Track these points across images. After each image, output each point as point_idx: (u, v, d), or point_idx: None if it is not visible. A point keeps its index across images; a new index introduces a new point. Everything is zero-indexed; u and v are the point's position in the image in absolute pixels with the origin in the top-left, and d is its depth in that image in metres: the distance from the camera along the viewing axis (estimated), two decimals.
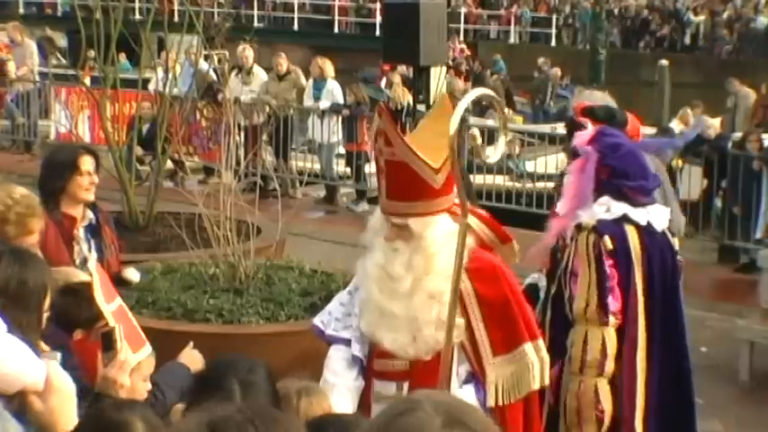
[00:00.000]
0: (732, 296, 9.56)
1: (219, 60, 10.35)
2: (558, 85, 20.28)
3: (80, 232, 4.84)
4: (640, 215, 4.02)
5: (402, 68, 13.64)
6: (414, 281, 3.42)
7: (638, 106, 19.75)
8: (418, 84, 9.60)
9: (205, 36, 8.10)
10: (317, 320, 3.84)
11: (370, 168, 13.23)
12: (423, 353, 3.41)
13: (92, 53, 9.36)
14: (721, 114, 16.53)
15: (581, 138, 4.13)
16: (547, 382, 3.56)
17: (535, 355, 3.48)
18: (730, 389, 7.35)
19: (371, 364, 3.62)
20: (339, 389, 3.59)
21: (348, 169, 13.18)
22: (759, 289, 8.25)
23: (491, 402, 3.40)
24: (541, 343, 3.55)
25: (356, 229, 4.00)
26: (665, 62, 22.12)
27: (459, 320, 3.40)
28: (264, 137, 12.36)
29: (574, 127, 4.42)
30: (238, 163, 8.07)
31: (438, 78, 9.80)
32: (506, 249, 3.65)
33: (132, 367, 2.82)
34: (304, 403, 2.97)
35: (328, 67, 12.81)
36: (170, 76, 8.50)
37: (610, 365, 3.95)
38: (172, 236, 7.23)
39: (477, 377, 3.45)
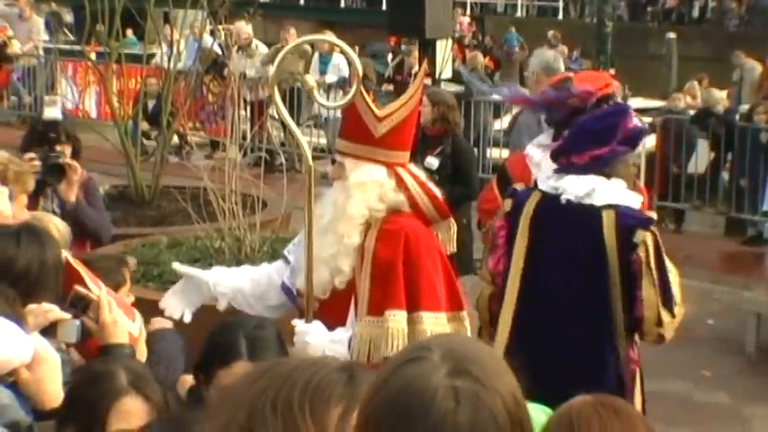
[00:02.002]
0: (739, 269, 9.54)
1: (225, 35, 10.30)
2: (566, 59, 20.22)
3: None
4: (545, 183, 4.03)
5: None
6: (331, 220, 3.54)
7: (646, 80, 19.78)
8: (424, 57, 9.54)
9: (209, 10, 8.06)
10: None
11: None
12: (320, 292, 3.52)
13: (100, 27, 9.33)
14: (728, 87, 16.44)
15: None
16: None
17: (403, 324, 3.43)
18: (737, 361, 7.33)
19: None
20: (232, 272, 3.83)
21: None
22: (766, 261, 8.23)
23: (353, 356, 3.40)
24: (432, 316, 3.49)
25: None
26: (672, 35, 22.00)
27: (346, 268, 3.52)
28: (270, 111, 12.31)
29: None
30: (244, 137, 8.06)
31: (444, 51, 9.74)
32: (444, 226, 3.73)
33: (136, 336, 2.82)
34: None
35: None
36: (174, 50, 8.47)
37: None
38: (177, 210, 7.23)
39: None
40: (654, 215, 4.84)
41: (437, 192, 3.72)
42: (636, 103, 13.88)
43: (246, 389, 1.50)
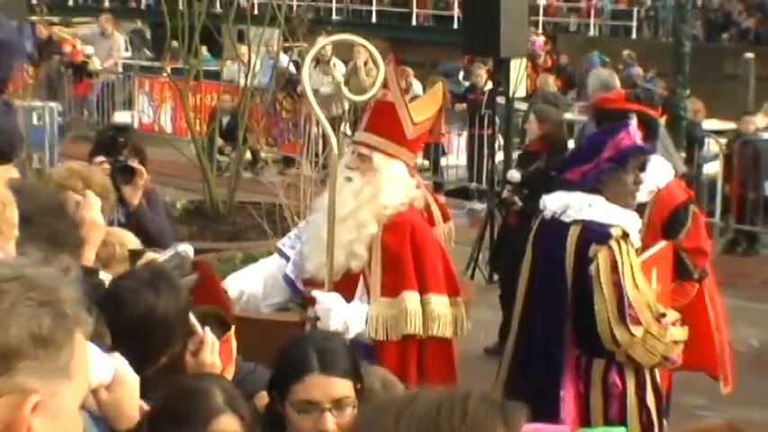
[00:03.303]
0: None
1: (300, 53, 10.40)
2: (642, 79, 20.02)
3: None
4: (542, 202, 4.23)
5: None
6: (353, 209, 3.81)
7: (722, 101, 19.46)
8: (498, 76, 9.52)
9: (288, 28, 8.15)
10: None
11: (447, 161, 13.21)
12: (333, 273, 3.81)
13: (174, 44, 9.49)
14: None
15: None
16: (438, 333, 3.80)
17: (416, 305, 3.75)
18: None
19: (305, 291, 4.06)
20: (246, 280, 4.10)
21: (426, 162, 13.16)
22: None
23: (371, 334, 3.75)
24: (439, 298, 3.80)
25: None
26: (750, 55, 21.64)
27: (363, 253, 3.82)
28: (343, 128, 12.38)
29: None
30: (317, 154, 8.12)
31: (518, 71, 9.70)
32: (446, 228, 4.10)
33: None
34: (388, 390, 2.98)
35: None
36: (250, 67, 8.57)
37: None
38: (252, 225, 7.30)
39: None
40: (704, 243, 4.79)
41: (436, 196, 4.17)
42: (711, 124, 13.69)
43: (393, 424, 1.48)
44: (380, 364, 3.57)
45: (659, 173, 4.65)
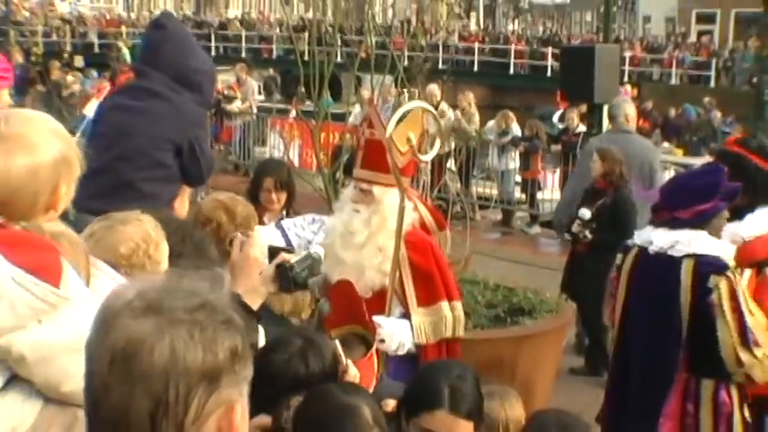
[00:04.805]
0: None
1: (410, 97, 10.47)
2: (721, 123, 19.60)
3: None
4: (640, 237, 4.05)
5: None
6: (368, 236, 3.89)
7: None
8: (592, 119, 9.47)
9: (406, 76, 8.22)
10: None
11: (542, 195, 13.12)
12: (363, 292, 3.81)
13: (301, 89, 9.68)
14: None
15: None
16: (460, 334, 3.97)
17: (450, 311, 3.94)
18: None
19: None
20: None
21: (523, 195, 13.14)
22: None
23: (416, 340, 3.88)
24: (458, 304, 3.98)
25: (529, 250, 4.10)
26: None
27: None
28: (448, 164, 12.43)
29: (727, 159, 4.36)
30: (424, 188, 8.16)
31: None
32: (441, 236, 4.16)
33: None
34: (506, 407, 2.95)
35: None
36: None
37: None
38: None
39: (408, 318, 3.93)
40: None
41: (431, 206, 4.19)
42: None
43: None
44: (425, 360, 3.84)
45: (754, 225, 4.47)
